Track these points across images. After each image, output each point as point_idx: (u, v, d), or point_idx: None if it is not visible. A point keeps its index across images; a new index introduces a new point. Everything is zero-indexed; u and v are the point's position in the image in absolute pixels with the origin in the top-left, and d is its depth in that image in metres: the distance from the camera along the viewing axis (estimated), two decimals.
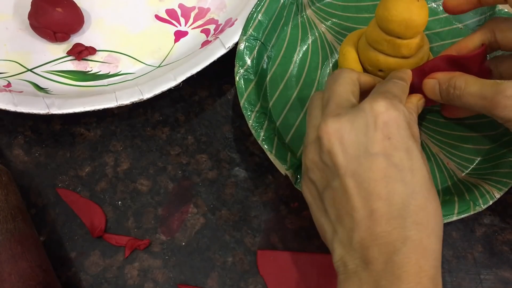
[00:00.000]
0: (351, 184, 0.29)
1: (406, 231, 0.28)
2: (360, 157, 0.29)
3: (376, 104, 0.30)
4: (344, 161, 0.29)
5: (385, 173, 0.28)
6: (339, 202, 0.30)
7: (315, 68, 0.46)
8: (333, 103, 0.32)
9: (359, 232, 0.29)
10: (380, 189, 0.28)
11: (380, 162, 0.29)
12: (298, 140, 0.43)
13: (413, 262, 0.28)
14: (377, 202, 0.28)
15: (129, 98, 0.42)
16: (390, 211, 0.28)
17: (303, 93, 0.45)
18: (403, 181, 0.28)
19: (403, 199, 0.28)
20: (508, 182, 0.39)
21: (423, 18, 0.37)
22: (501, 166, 0.40)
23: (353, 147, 0.29)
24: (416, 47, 0.39)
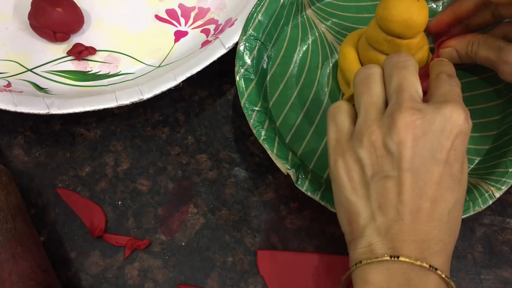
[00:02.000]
0: (409, 180, 0.30)
1: (442, 234, 0.30)
2: (427, 158, 0.30)
3: (457, 113, 0.30)
4: (411, 156, 0.30)
5: (441, 179, 0.30)
6: (390, 192, 0.30)
7: (315, 68, 0.46)
8: (407, 93, 0.31)
9: (400, 225, 0.30)
10: (433, 192, 0.30)
11: (441, 168, 0.30)
12: (298, 140, 0.43)
13: (440, 261, 0.30)
14: (426, 203, 0.30)
15: (129, 98, 0.42)
16: (434, 213, 0.30)
17: (303, 93, 0.45)
18: (453, 190, 0.30)
19: (447, 206, 0.30)
20: (507, 182, 0.39)
21: (423, 18, 0.37)
22: (500, 165, 0.40)
23: (424, 146, 0.30)
24: (416, 47, 0.39)
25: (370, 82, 0.33)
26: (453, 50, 0.41)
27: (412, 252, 0.29)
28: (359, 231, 0.31)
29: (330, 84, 0.45)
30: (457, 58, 0.41)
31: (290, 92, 0.45)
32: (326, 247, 0.42)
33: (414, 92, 0.32)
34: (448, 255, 0.31)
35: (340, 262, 0.41)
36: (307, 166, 0.42)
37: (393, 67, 0.33)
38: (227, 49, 0.44)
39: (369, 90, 0.33)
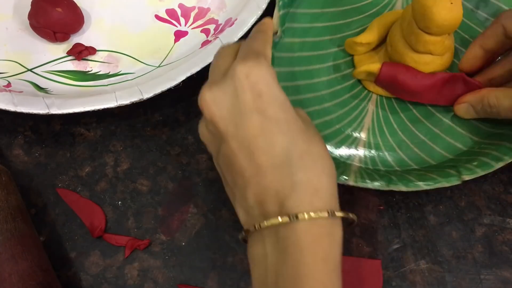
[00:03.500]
0: (234, 145, 0.30)
1: (293, 177, 0.29)
2: (237, 118, 0.30)
3: (239, 67, 0.30)
4: (224, 126, 0.30)
5: (261, 128, 0.29)
6: (230, 165, 0.31)
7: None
8: (211, 73, 0.33)
9: (251, 189, 0.30)
10: (261, 144, 0.29)
11: (255, 119, 0.30)
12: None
13: (306, 203, 0.28)
14: (261, 157, 0.29)
15: (129, 98, 0.42)
16: (274, 162, 0.29)
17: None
18: (281, 132, 0.30)
19: (283, 148, 0.29)
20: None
21: (455, 18, 0.37)
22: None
23: (228, 111, 0.30)
24: (442, 46, 0.40)
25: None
26: (469, 105, 0.41)
27: (274, 208, 0.29)
28: (236, 210, 0.32)
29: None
30: (474, 113, 0.41)
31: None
32: None
33: (220, 69, 0.33)
34: (315, 192, 0.29)
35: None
36: None
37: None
38: None
39: None
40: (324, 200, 0.29)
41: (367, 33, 0.44)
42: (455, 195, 0.43)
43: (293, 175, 0.29)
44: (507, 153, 0.39)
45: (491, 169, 0.38)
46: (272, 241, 0.29)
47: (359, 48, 0.44)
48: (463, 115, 0.42)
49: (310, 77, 0.45)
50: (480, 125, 0.43)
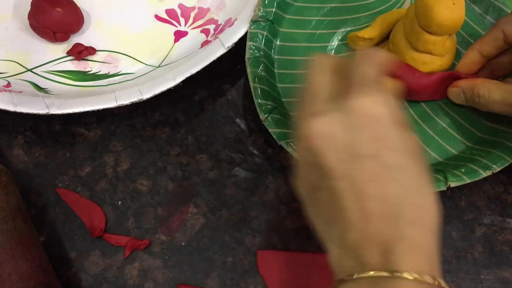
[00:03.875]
0: (342, 186, 0.27)
1: (401, 230, 0.27)
2: (350, 159, 0.27)
3: (360, 102, 0.27)
4: (333, 163, 0.28)
5: (377, 175, 0.27)
6: (331, 203, 0.28)
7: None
8: (313, 97, 0.30)
9: (352, 233, 0.27)
10: (373, 190, 0.27)
11: (370, 164, 0.27)
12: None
13: (411, 261, 0.26)
14: (370, 203, 0.27)
15: (129, 98, 0.42)
16: (384, 211, 0.27)
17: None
18: (396, 180, 0.27)
19: (396, 199, 0.27)
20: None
21: (456, 19, 0.37)
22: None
23: (341, 149, 0.28)
24: (443, 47, 0.40)
25: (300, 97, 0.32)
26: (460, 91, 0.41)
27: (375, 259, 0.27)
28: (326, 245, 0.30)
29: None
30: (464, 100, 0.41)
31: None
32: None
33: (323, 90, 0.30)
34: (419, 250, 0.27)
35: None
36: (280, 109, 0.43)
37: (308, 71, 0.32)
38: (227, 49, 0.44)
39: (298, 107, 0.31)
40: (429, 262, 0.27)
41: (370, 28, 0.44)
42: (455, 195, 0.43)
43: (402, 229, 0.26)
44: (497, 161, 0.39)
45: (478, 177, 0.38)
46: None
47: (361, 43, 0.45)
48: (454, 99, 0.42)
49: None
50: (474, 130, 0.43)
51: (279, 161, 0.44)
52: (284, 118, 0.42)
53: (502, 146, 0.40)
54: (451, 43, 0.40)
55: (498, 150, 0.40)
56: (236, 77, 0.48)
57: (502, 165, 0.39)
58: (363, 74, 0.29)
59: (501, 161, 0.39)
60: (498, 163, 0.39)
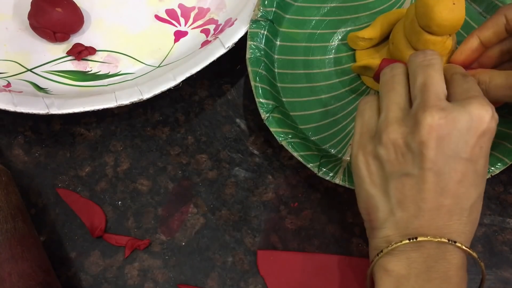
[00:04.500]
0: (431, 179, 0.30)
1: (463, 226, 0.30)
2: (450, 157, 0.30)
3: (483, 111, 0.30)
4: (434, 156, 0.30)
5: (465, 176, 0.30)
6: (410, 190, 0.31)
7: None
8: (432, 92, 0.31)
9: (420, 221, 0.30)
10: (456, 189, 0.30)
11: (465, 166, 0.30)
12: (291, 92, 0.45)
13: (462, 253, 0.30)
14: (448, 199, 0.30)
15: (129, 98, 0.42)
16: (456, 208, 0.30)
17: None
18: (476, 185, 0.31)
19: (469, 201, 0.31)
20: None
21: (457, 18, 0.37)
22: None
23: (448, 146, 0.30)
24: (443, 47, 0.40)
25: (393, 82, 0.34)
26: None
27: (433, 244, 0.30)
28: (378, 222, 0.32)
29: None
30: None
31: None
32: (326, 247, 0.42)
33: (440, 90, 0.32)
34: (468, 241, 0.31)
35: (340, 262, 0.41)
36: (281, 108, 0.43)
37: (417, 65, 0.33)
38: (227, 49, 0.44)
39: (392, 91, 0.33)
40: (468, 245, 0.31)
41: (370, 28, 0.44)
42: None
43: (463, 226, 0.31)
44: (495, 163, 0.39)
45: None
46: (419, 266, 0.30)
47: (361, 43, 0.45)
48: None
49: (310, 67, 0.45)
50: None
51: (279, 161, 0.44)
52: (284, 117, 0.42)
53: (501, 148, 0.40)
54: (451, 43, 0.40)
55: (497, 152, 0.40)
56: (236, 77, 0.48)
57: (501, 167, 0.39)
58: (477, 87, 0.32)
59: (500, 163, 0.39)
60: (497, 165, 0.39)
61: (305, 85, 0.45)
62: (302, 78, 0.45)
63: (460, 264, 0.30)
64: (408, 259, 0.30)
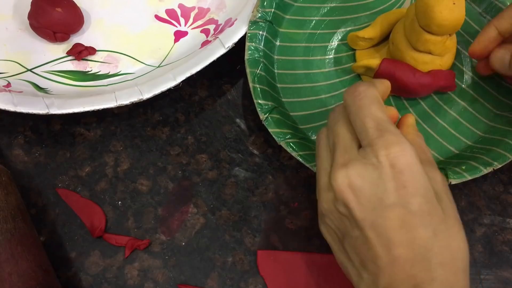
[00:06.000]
0: (371, 235, 0.29)
1: (432, 273, 0.28)
2: (377, 208, 0.29)
3: (381, 154, 0.29)
4: (361, 213, 0.29)
5: (404, 221, 0.28)
6: (361, 250, 0.30)
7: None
8: (339, 149, 0.31)
9: (384, 278, 0.29)
10: (401, 237, 0.28)
11: (398, 211, 0.28)
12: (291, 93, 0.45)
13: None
14: (399, 249, 0.28)
15: (129, 98, 0.42)
16: (413, 256, 0.28)
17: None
18: (423, 225, 0.28)
19: (425, 243, 0.28)
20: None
21: (456, 18, 0.37)
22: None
23: (368, 199, 0.29)
24: (443, 47, 0.40)
25: (319, 149, 0.34)
26: (506, 53, 0.39)
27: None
28: (356, 286, 0.31)
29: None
30: (507, 65, 0.39)
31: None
32: (326, 247, 0.41)
33: (347, 141, 0.31)
34: (446, 283, 0.28)
35: None
36: (280, 109, 0.43)
37: (328, 126, 0.33)
38: (227, 49, 0.44)
39: (318, 158, 0.33)
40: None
41: (370, 28, 0.44)
42: (455, 195, 0.43)
43: (432, 271, 0.28)
44: (497, 158, 0.39)
45: (479, 173, 0.39)
46: None
47: (361, 43, 0.45)
48: (496, 63, 0.40)
49: (310, 67, 0.45)
50: (474, 129, 0.43)
51: (279, 161, 0.44)
52: (284, 118, 0.42)
53: (503, 144, 0.40)
54: (451, 43, 0.40)
55: (499, 148, 0.40)
56: (236, 77, 0.48)
57: (503, 161, 0.39)
58: (376, 119, 0.30)
59: (502, 158, 0.39)
60: (499, 160, 0.39)
61: (305, 85, 0.45)
62: (302, 78, 0.45)
63: None
64: None
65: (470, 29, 0.45)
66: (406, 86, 0.41)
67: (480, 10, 0.46)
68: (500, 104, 0.43)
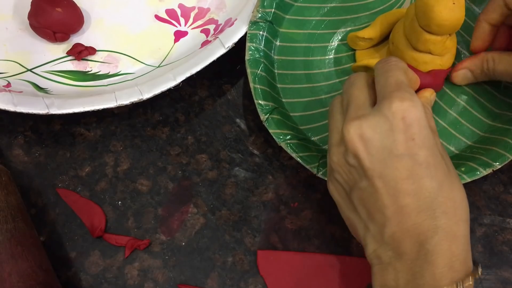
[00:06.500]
0: (379, 185, 0.30)
1: (436, 221, 0.29)
2: (386, 159, 0.30)
3: (395, 105, 0.30)
4: (371, 163, 0.30)
5: (411, 172, 0.30)
6: (369, 201, 0.31)
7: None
8: (352, 106, 0.32)
9: (390, 227, 0.30)
10: (408, 187, 0.30)
11: (406, 162, 0.30)
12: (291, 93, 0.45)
13: (445, 248, 0.29)
14: (406, 199, 0.30)
15: (129, 98, 0.42)
16: (419, 205, 0.30)
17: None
18: (429, 176, 0.30)
19: (430, 193, 0.30)
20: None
21: (456, 18, 0.37)
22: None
23: (378, 150, 0.30)
24: (443, 47, 0.40)
25: (332, 112, 0.35)
26: (467, 71, 0.42)
27: (412, 249, 0.30)
28: (362, 240, 0.33)
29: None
30: (472, 78, 0.42)
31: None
32: (326, 247, 0.42)
33: (360, 100, 0.33)
34: (453, 239, 0.30)
35: (340, 262, 0.41)
36: (280, 109, 0.43)
37: (344, 88, 0.35)
38: (227, 49, 0.44)
39: (332, 119, 0.35)
40: (461, 248, 0.30)
41: (370, 28, 0.44)
42: None
43: (436, 220, 0.30)
44: (497, 158, 0.39)
45: (479, 176, 0.39)
46: (405, 275, 0.30)
47: (361, 43, 0.45)
48: (461, 82, 0.43)
49: (310, 67, 0.45)
50: (474, 128, 0.43)
51: (279, 161, 0.44)
52: (284, 118, 0.42)
53: (503, 143, 0.40)
54: (451, 43, 0.40)
55: (499, 148, 0.40)
56: (236, 77, 0.48)
57: (502, 162, 0.39)
58: (398, 80, 0.32)
59: (502, 158, 0.39)
60: (498, 160, 0.39)
61: (305, 86, 0.45)
62: (302, 78, 0.45)
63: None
64: (394, 269, 0.31)
65: (470, 29, 0.45)
66: None
67: (480, 10, 0.46)
68: (500, 103, 0.43)
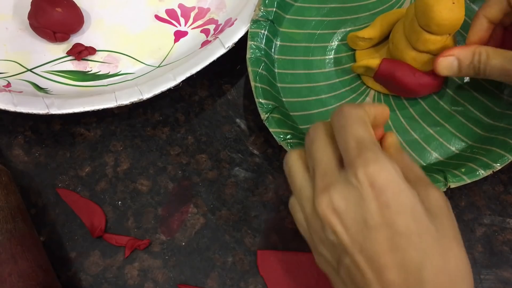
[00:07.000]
0: (361, 260, 0.27)
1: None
2: (364, 230, 0.27)
3: (360, 173, 0.27)
4: (349, 237, 0.28)
5: (391, 244, 0.27)
6: (356, 278, 0.28)
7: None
8: (318, 172, 0.30)
9: None
10: (391, 261, 0.27)
11: (384, 233, 0.27)
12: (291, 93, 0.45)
13: None
14: (390, 274, 0.27)
15: (129, 98, 0.42)
16: (406, 279, 0.27)
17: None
18: (412, 247, 0.27)
19: (416, 265, 0.27)
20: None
21: (456, 18, 0.37)
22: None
23: (353, 222, 0.28)
24: (443, 47, 0.40)
25: (293, 173, 0.32)
26: (454, 59, 0.38)
27: None
28: None
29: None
30: (457, 70, 0.39)
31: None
32: None
33: (325, 163, 0.30)
34: None
35: None
36: (281, 108, 0.43)
37: (306, 143, 0.32)
38: (227, 49, 0.44)
39: (295, 185, 0.32)
40: None
41: (370, 28, 0.44)
42: (455, 195, 0.43)
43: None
44: (497, 159, 0.39)
45: (478, 177, 0.38)
46: None
47: (361, 43, 0.45)
48: (443, 70, 0.39)
49: (310, 67, 0.45)
50: (475, 128, 0.43)
51: (279, 161, 0.44)
52: (284, 117, 0.42)
53: (503, 144, 0.40)
54: (451, 43, 0.40)
55: (499, 148, 0.40)
56: (236, 77, 0.48)
57: (502, 163, 0.39)
58: (358, 138, 0.29)
59: (502, 159, 0.39)
60: (498, 161, 0.39)
61: (305, 85, 0.45)
62: (302, 78, 0.45)
63: None
64: None
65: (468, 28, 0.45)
66: (406, 86, 0.41)
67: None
68: (501, 102, 0.43)
